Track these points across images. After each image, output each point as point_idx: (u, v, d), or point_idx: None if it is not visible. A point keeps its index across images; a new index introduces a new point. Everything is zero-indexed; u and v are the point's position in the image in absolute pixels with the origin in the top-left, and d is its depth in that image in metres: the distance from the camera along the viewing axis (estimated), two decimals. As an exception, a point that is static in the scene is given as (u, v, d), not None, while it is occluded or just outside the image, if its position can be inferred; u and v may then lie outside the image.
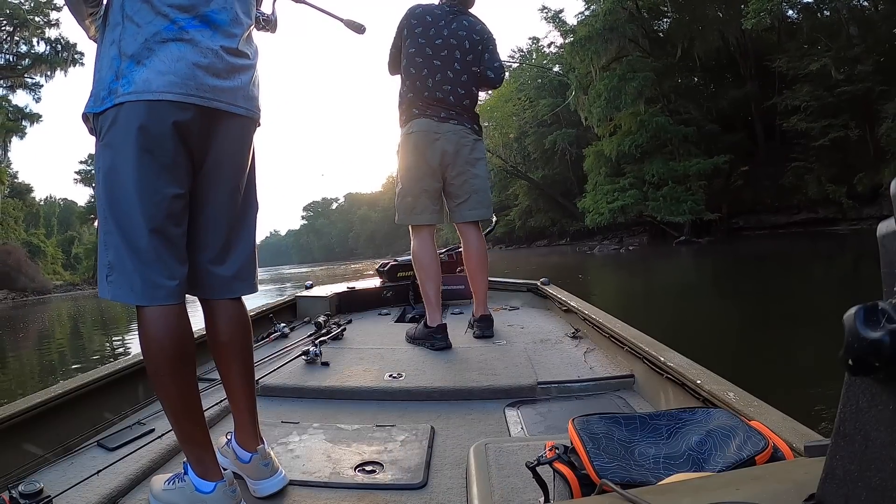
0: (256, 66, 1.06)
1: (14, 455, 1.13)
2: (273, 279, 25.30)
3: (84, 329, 11.15)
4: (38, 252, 36.64)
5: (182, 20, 0.92)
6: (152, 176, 0.90)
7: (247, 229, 1.07)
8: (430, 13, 2.18)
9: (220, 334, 1.05)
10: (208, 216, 1.00)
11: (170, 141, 0.91)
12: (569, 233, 31.57)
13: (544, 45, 36.28)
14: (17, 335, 10.90)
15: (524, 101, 35.06)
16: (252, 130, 1.06)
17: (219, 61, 0.95)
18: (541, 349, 1.93)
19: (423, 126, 2.12)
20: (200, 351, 1.02)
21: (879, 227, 0.35)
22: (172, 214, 0.92)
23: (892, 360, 0.29)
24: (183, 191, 0.94)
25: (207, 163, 0.98)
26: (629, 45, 23.85)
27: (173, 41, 0.91)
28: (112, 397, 1.46)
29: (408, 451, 1.18)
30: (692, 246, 19.66)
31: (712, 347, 4.00)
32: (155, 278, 0.91)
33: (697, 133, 22.33)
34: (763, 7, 18.07)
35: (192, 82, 0.91)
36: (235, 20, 1.00)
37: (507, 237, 37.59)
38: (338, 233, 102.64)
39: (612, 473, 0.63)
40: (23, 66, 27.52)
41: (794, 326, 4.52)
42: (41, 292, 30.59)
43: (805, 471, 0.46)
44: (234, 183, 1.03)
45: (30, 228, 38.42)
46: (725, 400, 1.02)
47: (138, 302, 0.91)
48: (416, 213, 2.17)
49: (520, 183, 35.93)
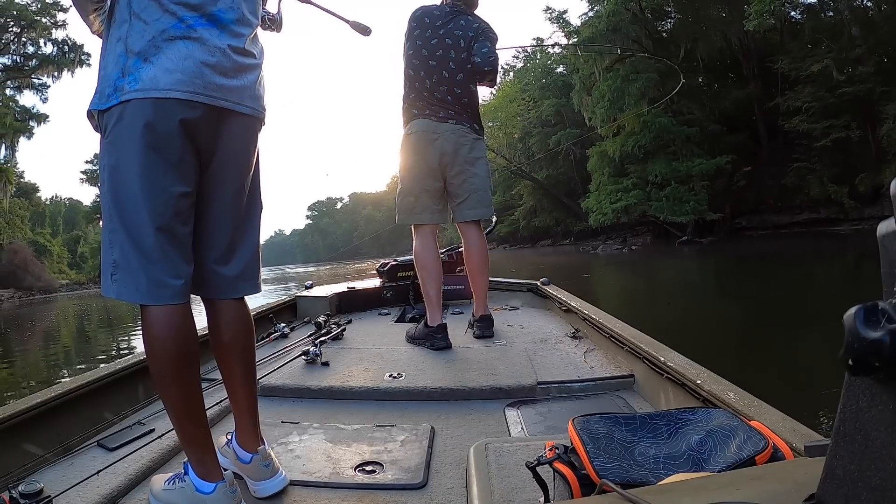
0: (262, 65, 1.06)
1: (14, 455, 1.13)
2: (276, 279, 25.39)
3: (90, 328, 11.19)
4: (44, 251, 36.98)
5: (190, 18, 0.91)
6: (159, 174, 0.89)
7: (251, 229, 1.07)
8: (429, 14, 2.19)
9: (223, 334, 1.05)
10: (213, 216, 1.00)
11: (177, 139, 0.90)
12: (573, 233, 31.75)
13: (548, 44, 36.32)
14: (24, 333, 10.97)
15: (528, 102, 35.32)
16: (257, 130, 1.06)
17: (226, 60, 0.95)
18: (541, 349, 1.93)
19: (422, 126, 2.14)
20: (202, 351, 1.02)
21: (879, 227, 0.35)
22: (179, 213, 0.92)
23: (892, 360, 0.29)
24: (190, 189, 0.94)
25: (213, 162, 0.98)
26: (632, 45, 23.89)
27: (181, 39, 0.90)
28: (112, 397, 1.46)
29: (408, 451, 1.18)
30: (694, 246, 19.78)
31: (712, 347, 4.00)
32: (160, 277, 0.90)
33: (700, 133, 22.44)
34: (765, 9, 18.14)
35: (200, 81, 0.91)
36: (242, 19, 1.00)
37: (512, 237, 37.83)
38: (342, 232, 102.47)
39: (612, 473, 0.63)
40: (30, 66, 27.73)
41: (794, 326, 4.53)
42: (47, 291, 30.90)
43: (805, 471, 0.46)
44: (240, 182, 1.02)
45: (35, 228, 38.74)
46: (725, 400, 1.02)
47: (143, 301, 0.90)
48: (416, 213, 2.18)
49: (524, 183, 36.08)
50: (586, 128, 26.25)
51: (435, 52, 2.15)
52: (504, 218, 36.71)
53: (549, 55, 35.86)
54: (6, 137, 25.70)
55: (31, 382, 5.33)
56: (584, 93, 25.51)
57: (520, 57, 40.30)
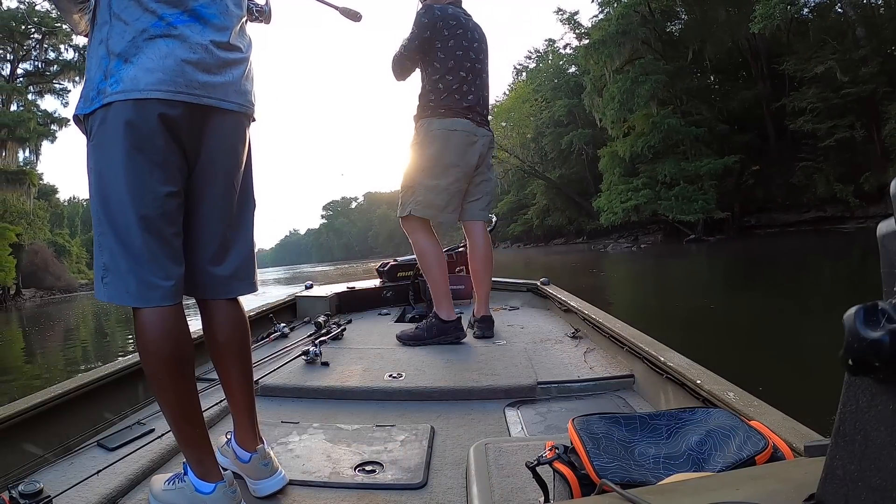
0: (250, 58, 1.04)
1: (14, 455, 1.13)
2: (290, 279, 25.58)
3: (108, 326, 11.46)
4: (64, 251, 37.58)
5: (170, 16, 0.90)
6: (144, 174, 0.88)
7: (244, 227, 1.06)
8: (455, 17, 2.15)
9: (218, 335, 1.03)
10: (204, 215, 0.99)
11: (160, 138, 0.89)
12: (586, 231, 32.10)
13: (560, 45, 37.24)
14: (45, 332, 11.26)
15: (541, 102, 35.90)
16: (246, 125, 1.04)
17: (209, 56, 0.93)
18: (541, 349, 1.93)
19: (465, 126, 2.13)
20: (199, 351, 1.01)
21: (879, 226, 0.35)
22: (166, 213, 0.91)
23: (892, 360, 0.29)
24: (176, 189, 0.92)
25: (201, 160, 0.96)
26: (642, 46, 24.34)
27: (161, 37, 0.89)
28: (112, 397, 1.46)
29: (408, 451, 1.18)
30: (702, 244, 20.16)
31: (712, 345, 4.00)
32: (150, 279, 0.89)
33: (709, 133, 22.74)
34: (769, 13, 18.29)
35: (181, 79, 0.89)
36: (225, 12, 0.97)
37: (525, 236, 38.33)
38: (357, 232, 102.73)
39: (612, 473, 0.63)
40: (51, 72, 28.29)
41: (794, 326, 4.52)
42: (68, 290, 31.79)
43: (805, 471, 0.46)
44: (230, 180, 1.01)
45: (54, 229, 39.28)
46: (725, 400, 1.02)
47: (134, 303, 0.90)
48: (447, 212, 2.15)
49: (537, 182, 36.61)
50: (598, 128, 26.86)
51: (468, 55, 2.15)
52: (518, 217, 37.65)
53: (562, 56, 36.62)
54: (30, 142, 26.21)
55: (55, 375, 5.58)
56: (594, 94, 26.03)
57: (532, 57, 41.22)
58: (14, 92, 26.08)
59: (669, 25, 25.85)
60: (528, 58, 42.41)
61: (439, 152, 2.11)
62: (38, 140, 26.47)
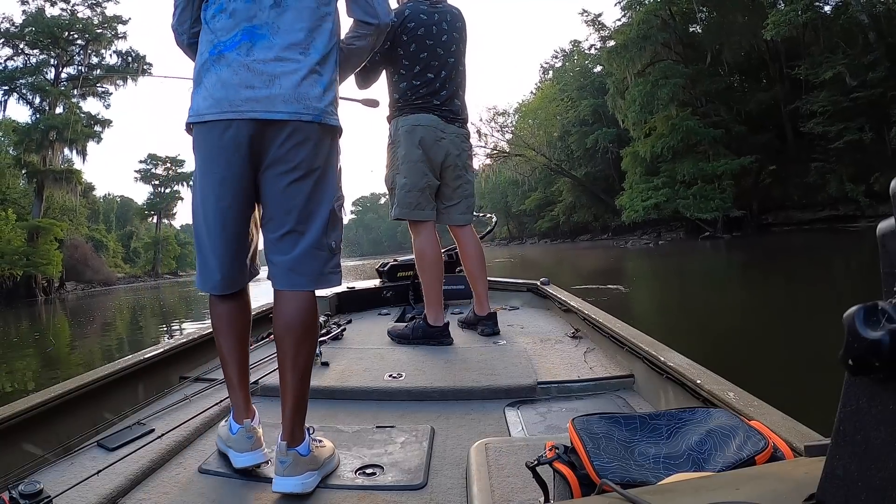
0: (310, 64, 1.06)
1: (14, 455, 1.13)
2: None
3: (142, 318, 12.41)
4: (101, 246, 39.08)
5: (222, 43, 1.04)
6: (207, 190, 1.07)
7: (309, 226, 1.10)
8: (414, 17, 2.09)
9: (279, 321, 1.12)
10: (268, 212, 1.11)
11: (220, 157, 1.04)
12: (611, 228, 32.88)
13: (585, 46, 38.23)
14: (87, 324, 11.83)
15: (567, 102, 37.00)
16: (308, 131, 1.05)
17: (251, 74, 1.02)
18: (541, 349, 1.93)
19: (430, 121, 2.09)
20: (205, 350, 1.06)
21: (879, 226, 0.35)
22: (226, 224, 1.08)
23: (892, 360, 0.29)
24: (236, 201, 1.07)
25: (265, 165, 1.06)
26: (662, 49, 25.06)
27: (214, 62, 1.04)
28: (112, 397, 1.46)
29: (408, 452, 1.18)
30: (717, 241, 20.91)
31: (710, 342, 4.00)
32: (209, 273, 1.12)
33: (727, 134, 23.36)
34: (780, 20, 18.94)
35: (226, 99, 1.01)
36: (282, 24, 1.05)
37: (552, 232, 39.98)
38: (386, 227, 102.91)
39: (612, 473, 0.63)
40: (95, 76, 29.10)
41: (794, 326, 4.52)
42: (107, 284, 33.22)
43: (805, 471, 0.46)
44: (287, 182, 1.06)
45: (91, 224, 40.42)
46: (725, 400, 1.02)
47: (202, 290, 1.15)
48: (420, 209, 2.15)
49: (563, 180, 37.54)
50: (622, 127, 27.77)
51: (435, 52, 2.09)
52: (545, 213, 39.16)
53: (587, 55, 37.89)
54: (77, 143, 27.29)
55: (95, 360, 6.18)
56: (617, 97, 26.96)
57: (558, 57, 42.75)
58: (60, 95, 27.19)
59: (690, 27, 26.40)
60: (555, 57, 43.54)
61: (407, 150, 2.11)
62: (84, 141, 27.68)
